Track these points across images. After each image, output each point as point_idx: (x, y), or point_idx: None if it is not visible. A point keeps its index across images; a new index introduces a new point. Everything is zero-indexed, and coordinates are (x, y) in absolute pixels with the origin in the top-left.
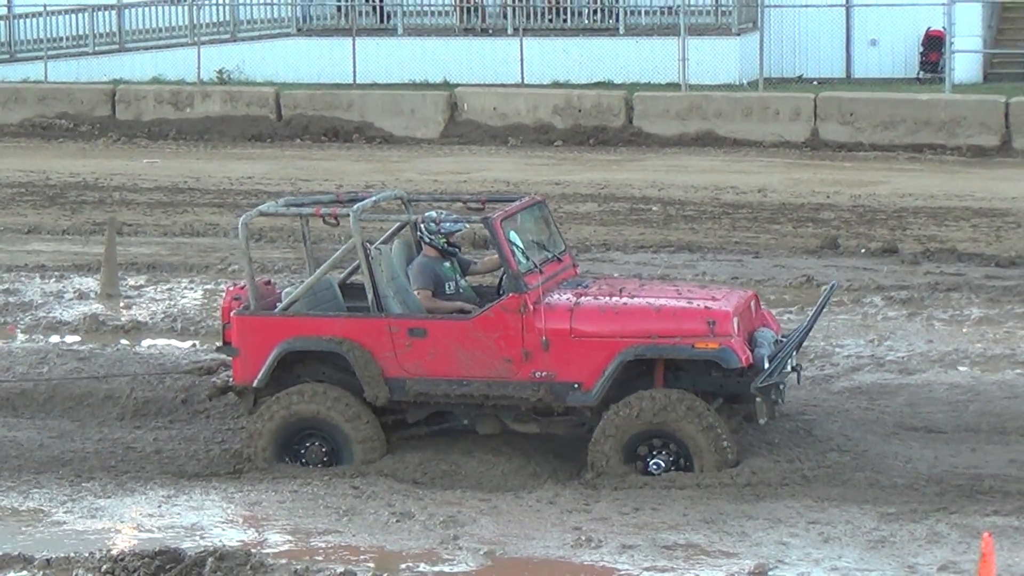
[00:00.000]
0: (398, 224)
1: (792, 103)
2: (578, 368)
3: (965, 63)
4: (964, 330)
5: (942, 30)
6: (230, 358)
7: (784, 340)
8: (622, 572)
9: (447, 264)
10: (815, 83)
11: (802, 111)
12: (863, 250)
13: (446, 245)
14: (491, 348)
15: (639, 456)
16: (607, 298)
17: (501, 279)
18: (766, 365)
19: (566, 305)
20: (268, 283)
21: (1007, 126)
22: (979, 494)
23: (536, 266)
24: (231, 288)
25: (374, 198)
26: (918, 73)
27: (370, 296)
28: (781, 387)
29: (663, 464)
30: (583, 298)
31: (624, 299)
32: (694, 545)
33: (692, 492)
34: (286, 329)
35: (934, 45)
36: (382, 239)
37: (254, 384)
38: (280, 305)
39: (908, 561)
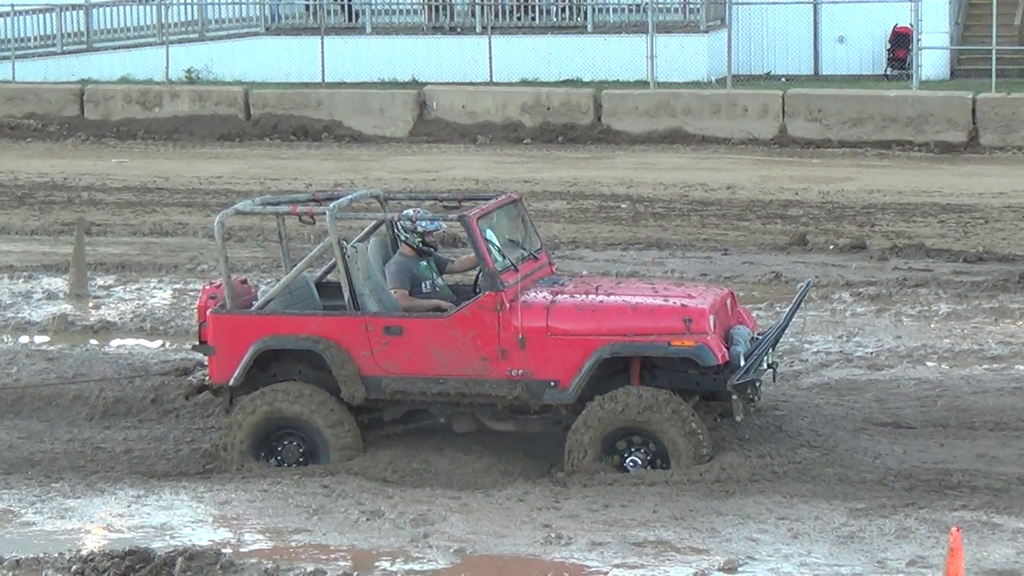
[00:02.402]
0: (374, 222)
1: (760, 100)
2: (554, 366)
3: (932, 60)
4: (932, 325)
5: (909, 27)
6: (206, 357)
7: (760, 338)
8: (592, 569)
9: (423, 263)
10: (783, 80)
11: (770, 108)
12: (831, 246)
13: (421, 244)
14: (467, 346)
15: (617, 451)
16: (583, 296)
17: (477, 277)
18: (742, 363)
19: (542, 303)
20: (244, 282)
21: (974, 122)
22: (947, 489)
23: (512, 264)
24: (207, 287)
25: (350, 196)
26: (886, 70)
27: (346, 294)
28: (757, 384)
29: (639, 462)
30: (559, 296)
31: (600, 297)
32: (664, 542)
33: (661, 489)
34: (262, 328)
35: (901, 42)
36: (358, 237)
37: (230, 383)
38: (256, 304)
39: (877, 556)
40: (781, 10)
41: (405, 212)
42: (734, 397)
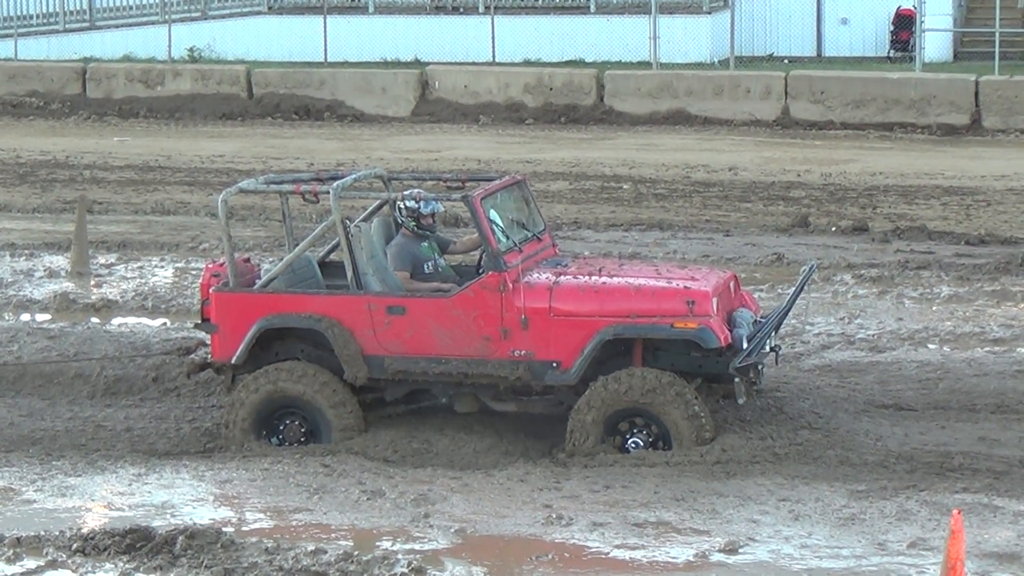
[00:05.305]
0: (378, 202)
1: (763, 81)
2: (557, 347)
3: (935, 42)
4: (934, 308)
5: (912, 8)
6: (208, 335)
7: (763, 321)
8: (592, 550)
9: (425, 244)
10: (786, 61)
11: (773, 89)
12: (834, 228)
13: (416, 227)
14: (470, 326)
15: (619, 432)
16: (586, 277)
17: (480, 258)
18: (744, 345)
19: (545, 284)
20: (247, 260)
21: (977, 105)
22: (948, 471)
23: (516, 245)
24: (210, 265)
25: (354, 176)
26: (888, 51)
27: (349, 274)
28: (760, 367)
29: (641, 443)
30: (562, 277)
31: (603, 278)
32: (665, 523)
33: (662, 470)
34: (265, 306)
35: (904, 24)
36: (362, 217)
37: (232, 361)
38: (259, 282)
39: (878, 538)
40: None
41: (402, 193)
42: (736, 379)
